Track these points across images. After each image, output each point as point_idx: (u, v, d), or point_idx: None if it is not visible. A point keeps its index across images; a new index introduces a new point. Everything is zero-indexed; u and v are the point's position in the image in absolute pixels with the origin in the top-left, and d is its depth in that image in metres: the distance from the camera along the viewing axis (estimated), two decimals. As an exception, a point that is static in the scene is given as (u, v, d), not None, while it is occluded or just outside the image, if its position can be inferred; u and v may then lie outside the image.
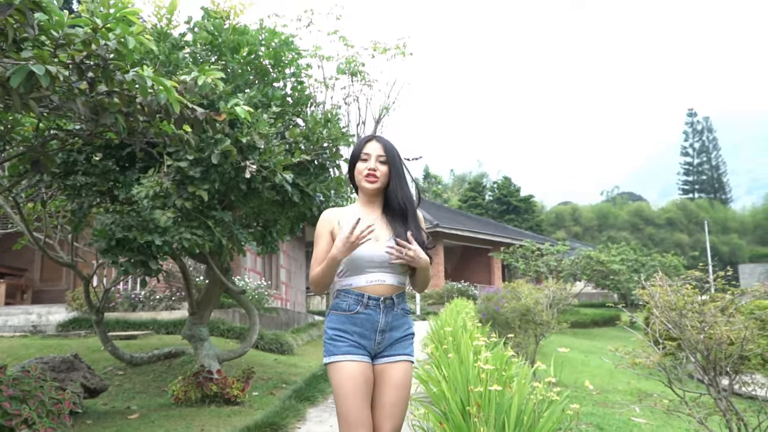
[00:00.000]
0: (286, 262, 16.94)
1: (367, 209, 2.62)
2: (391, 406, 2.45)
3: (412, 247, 2.41)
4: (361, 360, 2.46)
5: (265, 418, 4.96)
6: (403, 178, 2.60)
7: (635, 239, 45.32)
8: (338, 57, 12.04)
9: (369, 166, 2.55)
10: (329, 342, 2.51)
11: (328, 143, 6.15)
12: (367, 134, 2.68)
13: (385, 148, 2.59)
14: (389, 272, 2.51)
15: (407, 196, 2.59)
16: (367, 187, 2.56)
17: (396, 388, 2.48)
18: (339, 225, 2.55)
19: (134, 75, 3.47)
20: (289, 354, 9.96)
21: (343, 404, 2.43)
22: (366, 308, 2.48)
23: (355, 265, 2.49)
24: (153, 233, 5.26)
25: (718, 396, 3.47)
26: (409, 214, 2.57)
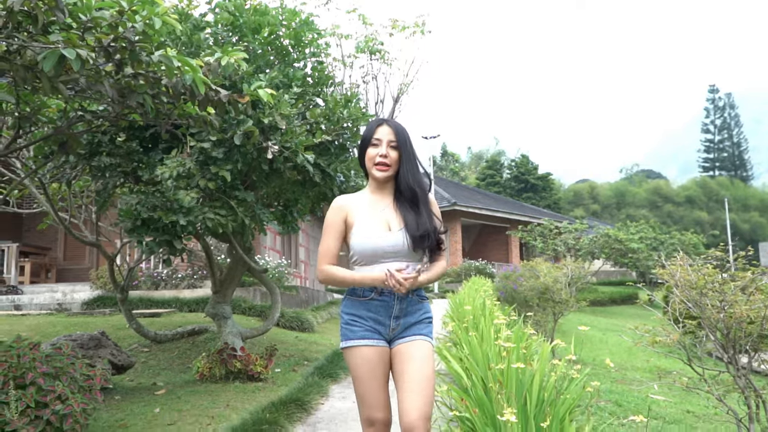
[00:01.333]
0: (305, 241, 17.07)
1: (378, 195, 2.59)
2: (415, 382, 2.36)
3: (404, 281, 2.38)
4: (377, 344, 2.45)
5: (289, 394, 5.06)
6: (414, 163, 2.56)
7: (654, 217, 44.95)
8: (357, 35, 12.02)
9: (380, 152, 2.51)
10: (345, 327, 2.51)
11: (348, 123, 6.18)
12: (378, 118, 2.65)
13: (396, 133, 2.55)
14: (404, 260, 2.48)
15: (418, 181, 2.54)
16: (379, 176, 2.53)
17: (414, 361, 2.41)
18: (351, 213, 2.54)
19: (161, 56, 3.51)
20: (309, 332, 10.09)
21: (360, 387, 2.45)
22: (380, 294, 2.47)
23: (370, 255, 2.47)
24: (177, 213, 5.34)
25: (737, 374, 3.50)
26: (420, 200, 2.53)
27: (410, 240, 2.47)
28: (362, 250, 2.48)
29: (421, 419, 2.30)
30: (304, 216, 7.64)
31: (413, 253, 2.49)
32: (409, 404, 2.32)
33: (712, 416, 6.16)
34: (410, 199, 2.53)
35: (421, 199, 2.54)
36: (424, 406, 2.33)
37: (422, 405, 2.33)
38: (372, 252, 2.47)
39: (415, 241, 2.46)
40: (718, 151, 72.20)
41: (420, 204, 2.53)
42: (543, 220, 26.81)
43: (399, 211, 2.54)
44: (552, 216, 31.38)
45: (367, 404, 2.44)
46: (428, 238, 2.48)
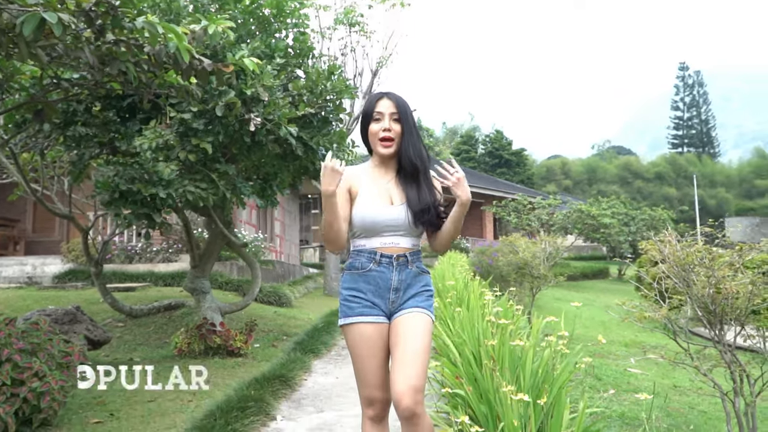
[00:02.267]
0: (281, 215, 16.92)
1: (380, 171, 2.56)
2: (408, 353, 2.31)
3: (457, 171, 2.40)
4: (376, 320, 2.42)
5: (273, 369, 5.02)
6: (415, 135, 2.51)
7: (624, 193, 45.57)
8: (336, 7, 11.80)
9: (384, 126, 2.46)
10: (344, 303, 2.47)
11: (331, 96, 6.07)
12: (378, 91, 2.58)
13: (397, 105, 2.49)
14: (404, 235, 2.45)
15: (419, 154, 2.50)
16: (384, 153, 2.48)
17: (409, 334, 2.36)
18: (356, 184, 2.50)
19: (144, 22, 3.37)
20: (287, 306, 10.03)
21: (359, 365, 2.41)
22: (378, 265, 2.43)
23: (369, 228, 2.44)
24: (157, 186, 5.21)
25: (723, 348, 3.54)
26: (421, 174, 2.49)
27: (411, 215, 2.44)
28: (362, 222, 2.45)
29: (410, 388, 2.23)
30: (283, 189, 7.52)
31: (413, 228, 2.46)
32: (397, 375, 2.28)
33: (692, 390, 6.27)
34: (411, 173, 2.49)
35: (422, 172, 2.49)
36: (414, 377, 2.26)
37: (411, 376, 2.26)
38: (372, 224, 2.44)
39: (416, 215, 2.44)
40: (687, 128, 73.18)
41: (420, 177, 2.49)
42: (517, 195, 26.97)
43: (401, 186, 2.50)
44: (526, 191, 31.60)
45: (366, 383, 2.40)
46: (428, 211, 2.45)
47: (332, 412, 4.26)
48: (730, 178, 59.48)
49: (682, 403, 5.69)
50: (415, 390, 2.25)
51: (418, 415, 2.26)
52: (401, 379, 2.27)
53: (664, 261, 3.97)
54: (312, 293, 13.20)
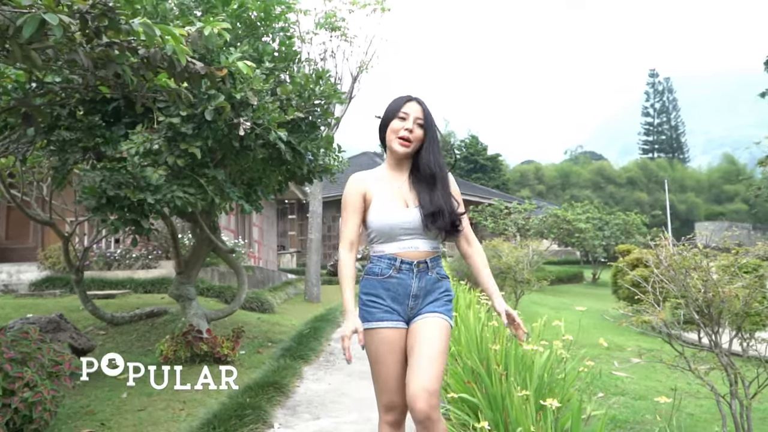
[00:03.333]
0: (259, 220, 16.80)
1: (394, 172, 2.58)
2: (424, 357, 2.31)
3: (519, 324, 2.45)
4: (395, 326, 2.42)
5: (265, 376, 4.96)
6: (436, 144, 2.54)
7: (597, 198, 46.12)
8: (316, 11, 11.76)
9: (406, 126, 2.48)
10: (363, 308, 2.47)
11: (320, 101, 6.04)
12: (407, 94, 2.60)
13: (424, 112, 2.52)
14: (422, 238, 2.47)
15: (439, 162, 2.52)
16: (399, 150, 2.49)
17: (426, 338, 2.36)
18: (370, 190, 2.52)
19: (141, 24, 3.31)
20: (270, 312, 9.95)
21: (379, 371, 2.42)
22: (399, 272, 2.43)
23: (387, 232, 2.46)
24: (145, 191, 5.12)
25: (719, 351, 3.59)
26: (438, 180, 2.50)
27: (423, 217, 2.44)
28: (380, 226, 2.46)
29: (424, 391, 2.24)
30: (268, 195, 7.46)
31: (428, 232, 2.46)
32: (412, 377, 2.29)
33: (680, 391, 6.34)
34: (428, 179, 2.50)
35: (439, 179, 2.50)
36: (429, 380, 2.27)
37: (426, 379, 2.27)
38: (390, 229, 2.45)
39: (427, 218, 2.44)
40: (657, 133, 74.32)
41: (438, 183, 2.50)
42: (493, 200, 27.13)
43: (415, 189, 2.52)
44: (501, 196, 31.80)
45: (386, 388, 2.40)
46: (441, 215, 2.44)
47: (328, 418, 4.23)
48: (700, 183, 60.53)
49: (669, 405, 5.75)
50: (430, 393, 2.25)
51: (432, 419, 2.25)
52: (416, 381, 2.27)
53: (658, 265, 4.01)
54: (293, 299, 13.11)
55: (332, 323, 8.54)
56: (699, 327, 3.67)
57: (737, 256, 3.64)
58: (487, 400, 2.81)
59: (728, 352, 3.65)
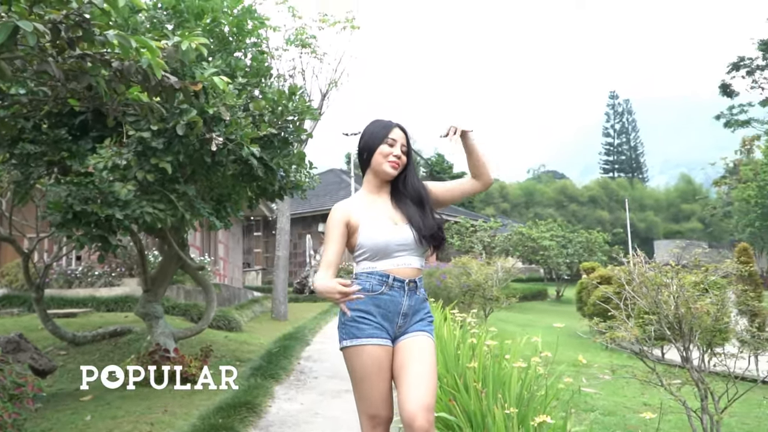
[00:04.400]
0: (225, 237, 16.58)
1: (375, 195, 2.61)
2: (417, 375, 2.34)
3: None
4: (384, 343, 2.41)
5: (236, 396, 4.85)
6: (413, 167, 2.65)
7: (560, 216, 46.71)
8: (286, 28, 11.75)
9: (395, 152, 2.54)
10: (351, 324, 2.41)
11: (293, 116, 6.00)
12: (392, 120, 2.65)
13: (407, 140, 2.61)
14: (415, 255, 2.51)
15: (420, 184, 2.63)
16: (390, 172, 2.54)
17: (416, 356, 2.39)
18: (354, 216, 2.50)
19: (117, 36, 3.24)
20: (237, 331, 9.78)
21: (365, 387, 2.40)
22: (390, 289, 2.42)
23: (382, 249, 2.45)
24: (113, 207, 5.01)
25: (692, 367, 3.63)
26: (424, 200, 2.59)
27: (417, 235, 2.49)
28: (374, 244, 2.45)
29: (422, 408, 2.26)
30: (237, 211, 7.37)
31: (420, 247, 2.51)
32: (408, 395, 2.30)
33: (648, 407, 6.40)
34: (416, 200, 2.58)
35: (424, 198, 2.59)
36: (425, 396, 2.30)
37: (423, 395, 2.30)
38: (385, 245, 2.45)
39: (424, 239, 2.51)
40: (617, 153, 75.88)
41: (425, 204, 2.58)
42: (459, 218, 27.29)
43: (400, 209, 2.57)
44: (467, 214, 32.04)
45: (372, 402, 2.39)
46: (437, 235, 2.55)
47: (302, 439, 4.15)
48: (659, 202, 61.78)
49: (638, 420, 5.79)
50: (428, 409, 2.29)
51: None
52: (413, 399, 2.28)
53: (630, 282, 4.06)
54: (259, 317, 12.94)
55: (301, 342, 8.44)
56: (671, 342, 3.71)
57: (707, 273, 3.70)
58: (467, 418, 2.79)
59: (699, 368, 3.71)
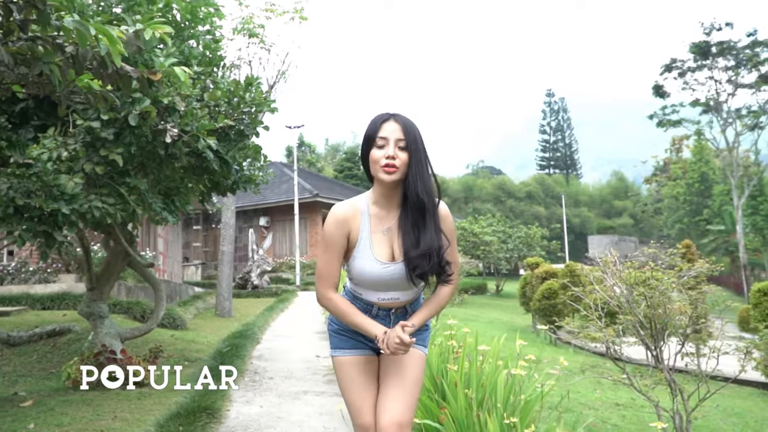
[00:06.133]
0: (164, 231, 16.05)
1: (381, 210, 2.25)
2: (396, 387, 2.21)
3: (404, 343, 2.11)
4: (366, 354, 2.32)
5: (192, 400, 4.63)
6: (424, 166, 2.18)
7: (498, 211, 47.53)
8: (232, 17, 11.38)
9: (387, 153, 2.14)
10: (334, 335, 2.37)
11: (249, 108, 5.78)
12: (384, 112, 2.28)
13: (405, 130, 2.18)
14: (405, 291, 2.26)
15: (427, 189, 2.18)
16: (386, 179, 2.16)
17: (399, 366, 2.24)
18: (355, 230, 2.22)
19: (74, 21, 2.99)
20: (183, 329, 9.45)
21: (352, 396, 2.29)
22: (374, 317, 2.28)
23: (367, 284, 2.24)
24: (59, 201, 4.69)
25: (665, 367, 3.66)
26: (428, 213, 2.19)
27: (408, 275, 2.18)
28: (360, 278, 2.24)
29: (394, 423, 2.16)
30: (186, 205, 7.08)
31: (413, 284, 2.24)
32: (384, 408, 2.20)
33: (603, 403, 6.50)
34: (418, 210, 2.19)
35: (429, 210, 2.20)
36: (400, 412, 2.19)
37: (397, 410, 2.19)
38: (370, 283, 2.24)
39: (412, 261, 2.16)
40: (553, 150, 77.72)
41: (427, 216, 2.19)
42: (401, 212, 27.31)
43: (402, 231, 2.22)
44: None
45: (359, 412, 2.29)
46: (428, 259, 2.16)
47: (267, 445, 3.99)
48: (592, 198, 63.66)
49: (597, 417, 5.87)
50: (400, 426, 2.17)
51: None
52: (387, 414, 2.19)
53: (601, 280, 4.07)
54: (203, 314, 12.58)
55: (251, 340, 8.21)
56: (642, 342, 3.73)
57: (681, 273, 3.73)
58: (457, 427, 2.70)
59: (670, 368, 3.74)
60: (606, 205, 63.04)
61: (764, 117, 32.29)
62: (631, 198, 62.21)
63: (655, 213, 55.82)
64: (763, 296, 8.51)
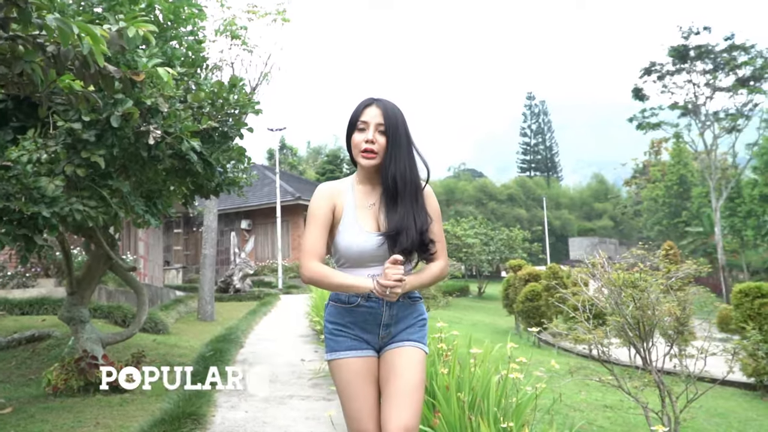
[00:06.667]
0: (145, 235, 15.88)
1: (366, 186, 2.31)
2: (399, 392, 2.14)
3: (393, 286, 2.09)
4: (365, 355, 2.23)
5: (177, 406, 4.56)
6: (401, 150, 2.22)
7: (480, 213, 47.67)
8: (214, 18, 11.27)
9: (366, 137, 2.21)
10: (330, 337, 2.27)
11: (234, 110, 5.72)
12: (368, 97, 2.31)
13: (385, 115, 2.22)
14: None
15: (403, 173, 2.21)
16: (364, 164, 2.23)
17: (400, 370, 2.18)
18: (340, 203, 2.27)
19: (57, 20, 2.92)
20: (165, 333, 9.33)
21: (349, 402, 2.21)
22: (368, 300, 2.22)
23: (355, 259, 2.22)
24: (39, 204, 4.60)
25: (654, 368, 3.66)
26: (400, 194, 2.21)
27: (391, 246, 2.20)
28: (347, 252, 2.23)
29: (402, 430, 2.09)
30: (168, 208, 6.99)
31: (405, 257, 2.21)
32: (389, 414, 2.13)
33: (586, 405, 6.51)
34: (392, 193, 2.23)
35: (405, 192, 2.23)
36: (407, 417, 2.12)
37: (403, 416, 2.12)
38: (358, 255, 2.22)
39: (388, 240, 2.19)
40: (534, 153, 78.19)
41: (399, 198, 2.22)
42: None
43: (386, 208, 2.26)
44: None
45: (358, 418, 2.21)
46: (405, 235, 2.18)
47: (254, 451, 3.93)
48: (573, 200, 64.07)
49: (583, 418, 5.88)
50: (406, 429, 2.10)
51: None
52: (394, 420, 2.11)
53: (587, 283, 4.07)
54: (185, 318, 12.45)
55: (235, 344, 8.13)
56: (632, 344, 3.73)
57: (669, 274, 3.74)
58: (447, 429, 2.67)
59: (657, 370, 3.75)
60: (586, 207, 63.49)
61: (741, 120, 32.73)
62: (611, 200, 62.73)
63: (634, 215, 56.34)
64: (744, 297, 8.59)
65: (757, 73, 31.14)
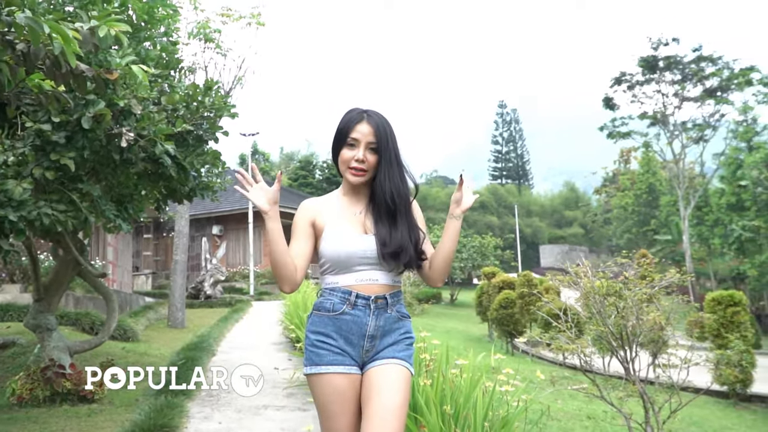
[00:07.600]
0: (114, 240, 15.56)
1: (351, 198, 2.29)
2: (379, 415, 2.02)
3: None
4: (348, 371, 2.13)
5: (148, 418, 4.41)
6: (394, 167, 2.21)
7: (452, 221, 47.73)
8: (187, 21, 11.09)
9: (356, 156, 2.19)
10: (311, 349, 2.17)
11: (209, 113, 5.60)
12: (358, 110, 2.25)
13: (376, 132, 2.20)
14: (381, 270, 2.19)
15: (398, 191, 2.21)
16: (353, 181, 2.23)
17: (382, 390, 2.07)
18: (321, 216, 2.24)
19: (27, 18, 2.80)
20: (134, 341, 9.11)
21: (328, 419, 2.12)
22: (353, 308, 2.14)
23: (342, 261, 2.17)
24: (6, 207, 4.42)
25: (637, 378, 3.64)
26: (398, 212, 2.22)
27: (379, 250, 2.17)
28: (334, 254, 2.17)
29: None
30: (139, 213, 6.83)
31: (393, 265, 2.19)
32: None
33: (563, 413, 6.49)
34: (386, 211, 2.21)
35: (400, 210, 2.22)
36: None
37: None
38: (346, 257, 2.17)
39: (389, 256, 2.17)
40: (505, 161, 78.79)
41: (398, 216, 2.22)
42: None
43: (373, 217, 2.25)
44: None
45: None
46: (405, 254, 2.18)
47: (229, 464, 3.81)
48: (544, 208, 64.63)
49: (560, 428, 5.85)
50: None
51: None
52: None
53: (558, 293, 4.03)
54: (155, 325, 12.20)
55: (207, 352, 7.96)
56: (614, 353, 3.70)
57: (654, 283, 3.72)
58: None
59: (640, 378, 3.72)
60: (557, 215, 64.08)
61: (709, 130, 33.30)
62: (582, 208, 63.39)
63: (604, 223, 56.97)
64: (717, 305, 8.68)
65: (724, 84, 31.73)
